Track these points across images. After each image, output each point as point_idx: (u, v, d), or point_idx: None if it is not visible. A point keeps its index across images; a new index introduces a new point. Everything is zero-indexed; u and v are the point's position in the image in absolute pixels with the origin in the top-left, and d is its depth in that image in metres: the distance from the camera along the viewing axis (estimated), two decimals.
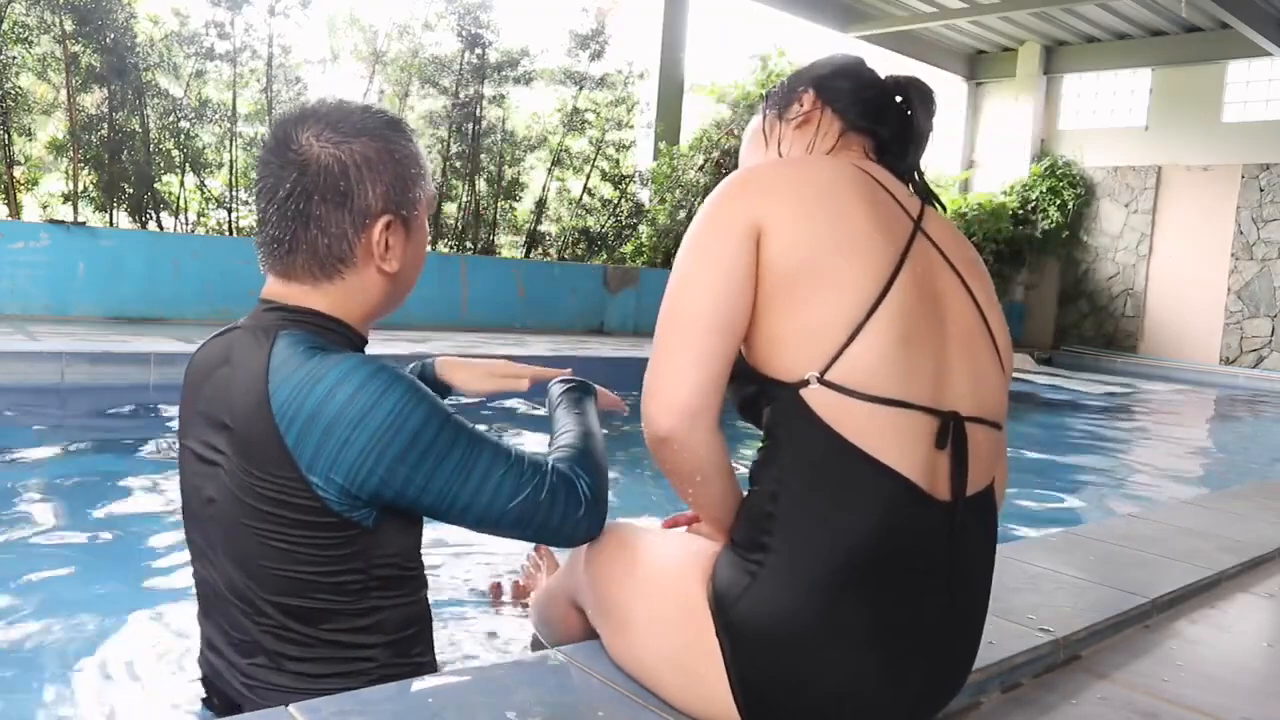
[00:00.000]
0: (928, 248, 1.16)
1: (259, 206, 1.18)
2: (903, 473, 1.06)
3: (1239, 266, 12.12)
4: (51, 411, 4.19)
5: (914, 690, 1.13)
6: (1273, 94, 12.00)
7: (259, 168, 1.18)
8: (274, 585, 1.15)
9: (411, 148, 1.21)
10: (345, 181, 1.14)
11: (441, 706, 1.11)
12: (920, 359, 1.09)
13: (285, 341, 1.14)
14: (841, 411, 1.06)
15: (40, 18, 6.78)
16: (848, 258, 1.08)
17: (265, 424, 1.09)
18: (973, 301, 1.18)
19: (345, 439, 1.07)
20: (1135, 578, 2.06)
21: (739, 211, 1.12)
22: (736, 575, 1.11)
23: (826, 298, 1.07)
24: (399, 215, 1.19)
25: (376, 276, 1.20)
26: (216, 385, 1.19)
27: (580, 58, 9.80)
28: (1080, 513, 4.02)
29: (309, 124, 1.16)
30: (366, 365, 1.10)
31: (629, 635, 1.24)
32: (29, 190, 7.28)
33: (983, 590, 1.21)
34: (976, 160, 14.19)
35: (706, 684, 1.13)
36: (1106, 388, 9.85)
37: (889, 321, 1.07)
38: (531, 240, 10.02)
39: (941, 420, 1.09)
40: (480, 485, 1.13)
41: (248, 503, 1.13)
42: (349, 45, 8.99)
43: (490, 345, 6.65)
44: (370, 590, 1.17)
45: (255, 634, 1.17)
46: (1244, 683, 1.63)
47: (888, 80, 1.35)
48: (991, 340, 1.19)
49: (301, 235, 1.15)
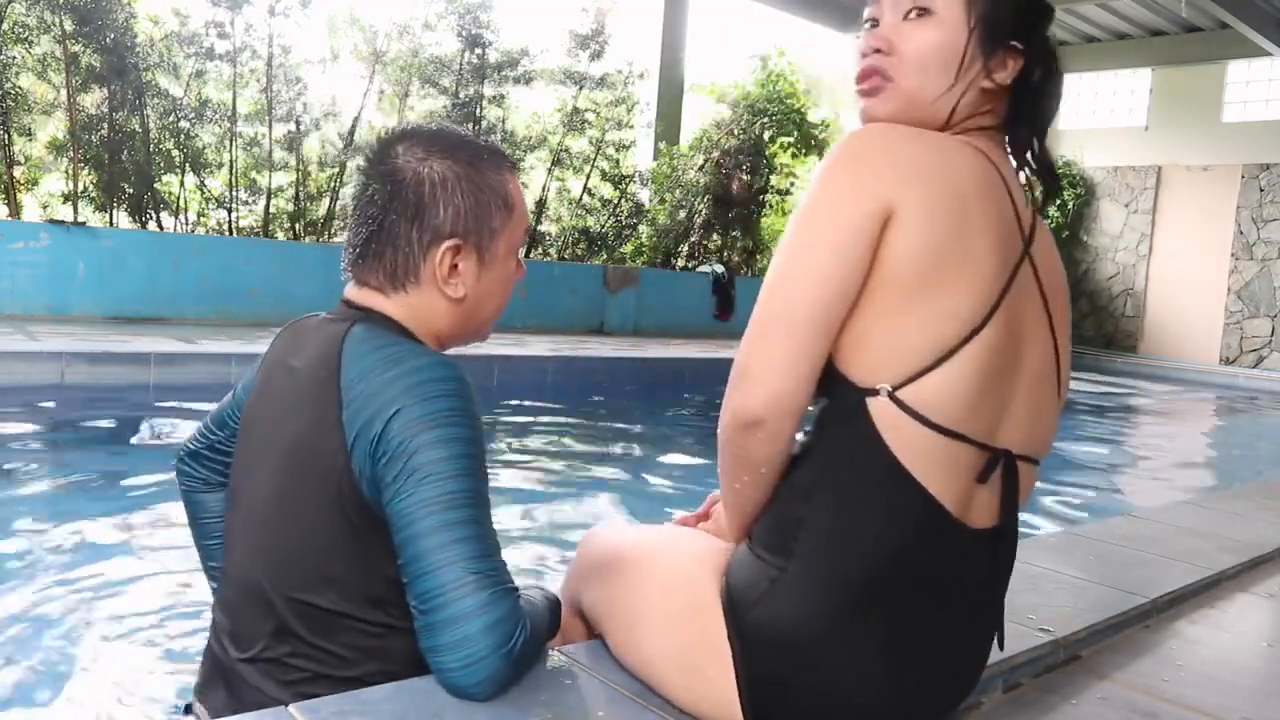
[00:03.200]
0: (1029, 278, 1.10)
1: (351, 212, 1.23)
2: (939, 499, 1.05)
3: (1239, 266, 12.12)
4: (51, 411, 4.19)
5: (917, 697, 1.13)
6: (1273, 94, 12.00)
7: (357, 176, 1.23)
8: (297, 580, 1.14)
9: (501, 179, 1.22)
10: (419, 197, 1.17)
11: (441, 707, 1.11)
12: (991, 397, 1.06)
13: (364, 327, 1.17)
14: (900, 430, 1.03)
15: (40, 18, 6.78)
16: (957, 276, 1.02)
17: (331, 397, 1.11)
18: (1052, 338, 1.14)
19: (386, 418, 1.08)
20: (1135, 578, 2.06)
21: (870, 190, 1.01)
22: (755, 578, 1.10)
23: (927, 313, 1.02)
24: (470, 242, 1.19)
25: (442, 300, 1.20)
26: (292, 370, 1.21)
27: (580, 58, 9.80)
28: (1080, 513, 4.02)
29: (407, 139, 1.20)
30: (447, 365, 1.12)
31: (635, 631, 1.24)
32: (29, 190, 7.28)
33: (997, 609, 1.21)
34: None
35: (713, 684, 1.13)
36: (1106, 388, 9.85)
37: (974, 358, 1.03)
38: (531, 240, 10.02)
39: (991, 456, 1.07)
40: (440, 528, 1.06)
41: (294, 487, 1.14)
42: (349, 45, 8.99)
43: (490, 345, 6.64)
44: (389, 603, 1.13)
45: (260, 632, 1.16)
46: (1244, 683, 1.63)
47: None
48: (1056, 376, 1.15)
49: (375, 243, 1.19)
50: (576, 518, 3.41)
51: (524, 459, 4.37)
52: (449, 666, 1.08)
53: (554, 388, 6.03)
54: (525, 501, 3.57)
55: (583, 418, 5.52)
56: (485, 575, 1.07)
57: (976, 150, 1.10)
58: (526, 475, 4.01)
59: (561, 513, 3.50)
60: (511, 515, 3.30)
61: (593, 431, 5.05)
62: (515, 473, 4.05)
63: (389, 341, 1.14)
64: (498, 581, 1.08)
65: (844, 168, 1.04)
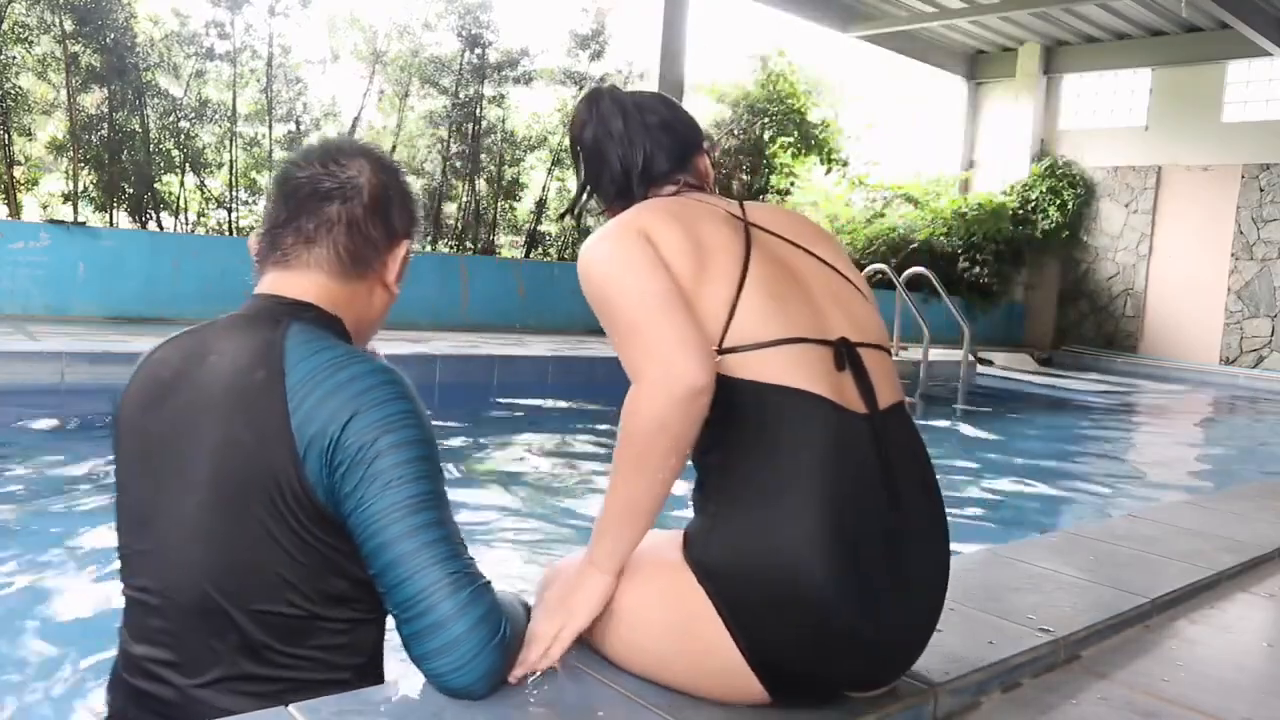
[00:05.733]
0: (761, 234, 1.33)
1: (289, 201, 1.21)
2: (814, 391, 1.18)
3: (1239, 266, 12.11)
4: (52, 411, 4.19)
5: (890, 602, 1.17)
6: (1273, 94, 12.00)
7: (293, 168, 1.24)
8: (258, 592, 1.10)
9: (417, 194, 1.35)
10: (388, 198, 1.26)
11: (441, 707, 1.11)
12: (794, 307, 1.24)
13: (301, 326, 1.16)
14: (746, 364, 1.19)
15: (40, 18, 6.78)
16: (710, 256, 1.25)
17: (275, 401, 1.09)
18: (820, 261, 1.35)
19: (338, 427, 1.07)
20: (1135, 578, 2.06)
21: (629, 232, 1.26)
22: (701, 523, 1.21)
23: (705, 292, 1.22)
24: (409, 245, 1.30)
25: (382, 293, 1.29)
26: (207, 371, 1.16)
27: (580, 58, 9.80)
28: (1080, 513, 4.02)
29: (359, 149, 1.28)
30: (390, 371, 1.14)
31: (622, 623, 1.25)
32: (29, 190, 7.28)
33: (928, 496, 1.25)
34: (976, 160, 14.17)
35: (706, 641, 1.16)
36: (1106, 388, 9.85)
37: (755, 290, 1.23)
38: (531, 240, 10.02)
39: (834, 348, 1.23)
40: (410, 533, 1.06)
41: (238, 494, 1.10)
42: (349, 45, 9.00)
43: (490, 345, 6.64)
44: (352, 600, 1.14)
45: (220, 652, 1.11)
46: (1244, 683, 1.63)
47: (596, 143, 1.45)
48: (851, 284, 1.35)
49: (342, 232, 1.21)
50: (576, 518, 3.41)
51: (524, 459, 4.37)
52: (443, 671, 1.08)
53: (554, 388, 6.03)
54: (525, 501, 3.57)
55: (582, 418, 5.52)
56: (460, 574, 1.08)
57: (682, 196, 1.41)
58: (526, 475, 4.01)
59: (561, 513, 3.50)
60: (511, 515, 3.30)
61: (593, 431, 5.05)
62: (515, 473, 4.05)
63: (330, 344, 1.15)
64: (473, 579, 1.09)
65: (608, 237, 1.27)
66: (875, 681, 1.27)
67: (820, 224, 3.10)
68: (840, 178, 12.07)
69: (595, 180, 1.46)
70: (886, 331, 1.36)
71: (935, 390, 7.96)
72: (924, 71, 13.72)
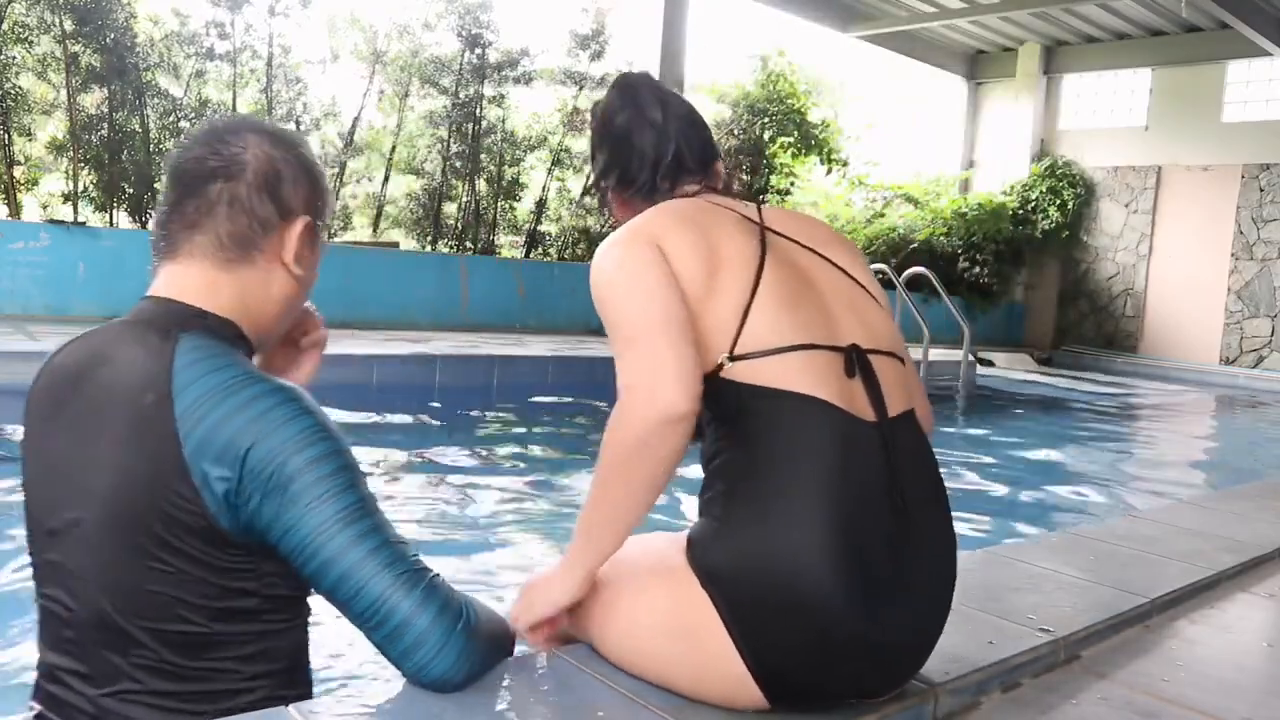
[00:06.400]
0: (777, 239, 1.33)
1: (175, 185, 1.16)
2: (822, 397, 1.17)
3: (1239, 266, 12.12)
4: None
5: (895, 611, 1.16)
6: (1273, 94, 12.00)
7: (182, 152, 1.18)
8: (153, 612, 1.06)
9: (322, 170, 1.27)
10: (277, 173, 1.18)
11: (441, 708, 1.11)
12: (806, 313, 1.24)
13: (191, 344, 1.09)
14: (756, 371, 1.19)
15: (40, 18, 6.78)
16: (724, 264, 1.25)
17: (164, 427, 1.04)
18: (835, 267, 1.34)
19: (241, 455, 1.03)
20: (1135, 578, 2.06)
21: (641, 241, 1.26)
22: (705, 527, 1.20)
23: (720, 298, 1.23)
24: (313, 225, 1.22)
25: (285, 276, 1.20)
26: (95, 386, 1.11)
27: (580, 58, 9.80)
28: (1080, 513, 4.02)
29: (248, 125, 1.21)
30: (285, 389, 1.09)
31: (622, 624, 1.26)
32: (29, 190, 7.28)
33: (936, 505, 1.25)
34: (976, 160, 14.18)
35: (707, 645, 1.16)
36: (1106, 388, 9.85)
37: (768, 295, 1.23)
38: (531, 240, 10.02)
39: (845, 354, 1.23)
40: (351, 545, 1.05)
41: (128, 518, 1.06)
42: (349, 45, 9.00)
43: (490, 345, 6.64)
44: (261, 614, 1.10)
45: (123, 666, 1.08)
46: (1244, 683, 1.63)
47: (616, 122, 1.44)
48: (866, 291, 1.34)
49: (223, 212, 1.15)
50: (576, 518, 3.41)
51: (523, 459, 4.37)
52: (420, 664, 1.09)
53: (554, 387, 6.03)
54: (524, 501, 3.57)
55: (583, 418, 5.52)
56: (410, 573, 1.08)
57: (684, 199, 1.40)
58: (526, 475, 4.01)
59: (561, 512, 3.50)
60: (510, 515, 3.30)
61: (593, 432, 5.05)
62: (514, 473, 4.05)
63: (222, 363, 1.08)
64: (423, 574, 1.10)
65: (618, 244, 1.28)
66: (877, 691, 1.26)
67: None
68: (840, 178, 12.08)
69: (622, 168, 1.44)
70: (901, 339, 1.35)
71: (935, 390, 7.96)
72: (924, 71, 13.72)
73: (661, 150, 1.41)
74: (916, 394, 1.33)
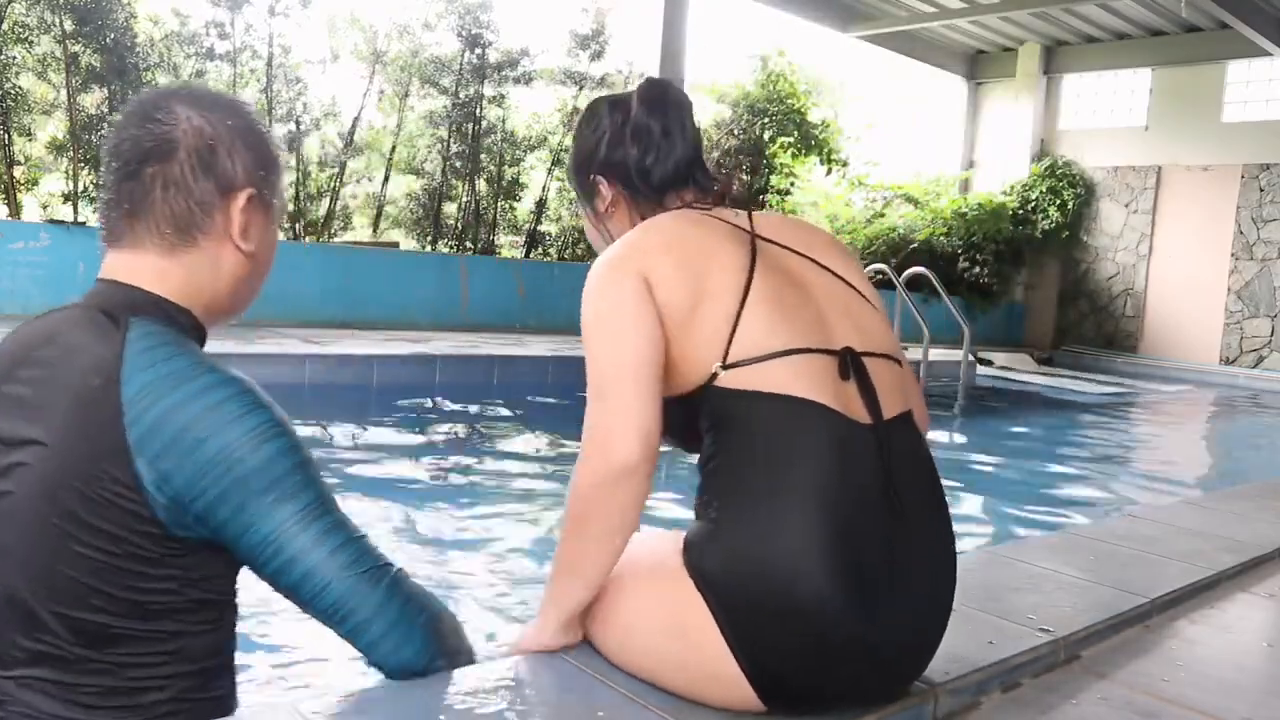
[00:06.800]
0: (767, 245, 1.33)
1: (111, 170, 1.12)
2: (817, 400, 1.18)
3: (1239, 266, 12.11)
4: None
5: (893, 613, 1.16)
6: (1273, 94, 12.00)
7: (115, 133, 1.13)
8: (67, 597, 1.02)
9: (270, 136, 1.20)
10: (211, 147, 1.12)
11: (441, 707, 1.11)
12: (799, 317, 1.24)
13: (143, 330, 1.06)
14: (749, 377, 1.20)
15: (40, 18, 6.78)
16: (714, 276, 1.26)
17: (109, 411, 1.01)
18: (828, 272, 1.34)
19: (193, 448, 1.00)
20: (1135, 578, 2.06)
21: (628, 272, 1.26)
22: (701, 530, 1.20)
23: (708, 311, 1.24)
24: (261, 195, 1.17)
25: (234, 254, 1.16)
26: (39, 365, 1.08)
27: (580, 58, 9.80)
28: (1080, 513, 4.02)
29: (177, 97, 1.14)
30: (238, 381, 1.06)
31: (620, 624, 1.26)
32: (29, 190, 7.28)
33: (934, 507, 1.25)
34: (976, 160, 14.17)
35: (702, 648, 1.16)
36: (1106, 388, 9.85)
37: (760, 302, 1.24)
38: (531, 240, 10.02)
39: (839, 357, 1.23)
40: (314, 544, 1.04)
41: (59, 498, 1.02)
42: (349, 45, 9.00)
43: (490, 345, 6.64)
44: (181, 613, 1.07)
45: (28, 649, 1.04)
46: (1244, 683, 1.63)
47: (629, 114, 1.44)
48: (860, 295, 1.35)
49: (159, 197, 1.10)
50: None
51: (523, 459, 4.37)
52: (386, 652, 1.10)
53: (554, 388, 6.03)
54: (524, 502, 3.57)
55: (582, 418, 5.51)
56: (373, 569, 1.09)
57: (676, 210, 1.40)
58: (526, 475, 4.01)
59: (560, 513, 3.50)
60: (510, 515, 3.30)
61: None
62: (515, 473, 4.05)
63: (173, 352, 1.05)
64: (386, 569, 1.11)
65: (605, 272, 1.30)
66: (877, 694, 1.26)
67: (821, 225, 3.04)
68: (840, 178, 12.07)
69: (617, 167, 1.45)
70: (897, 342, 1.35)
71: (935, 390, 7.95)
72: (924, 71, 13.72)
73: (676, 159, 1.42)
74: (913, 396, 1.32)
